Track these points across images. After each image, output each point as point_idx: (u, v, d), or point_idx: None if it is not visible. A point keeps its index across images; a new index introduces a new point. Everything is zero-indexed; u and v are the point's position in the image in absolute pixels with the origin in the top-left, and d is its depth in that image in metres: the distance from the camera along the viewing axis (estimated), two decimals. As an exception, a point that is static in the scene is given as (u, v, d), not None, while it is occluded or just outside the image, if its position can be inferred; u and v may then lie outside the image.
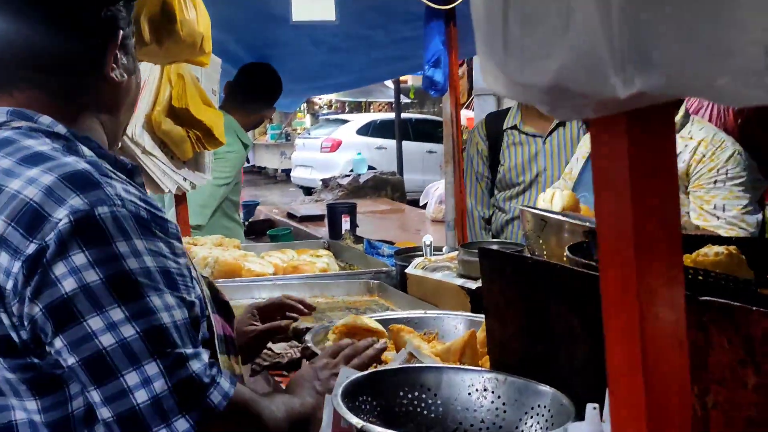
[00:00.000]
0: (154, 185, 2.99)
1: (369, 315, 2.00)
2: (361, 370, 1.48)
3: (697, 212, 2.69)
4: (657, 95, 0.53)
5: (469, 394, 1.39)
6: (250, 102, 3.98)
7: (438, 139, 15.23)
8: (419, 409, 1.37)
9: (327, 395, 1.29)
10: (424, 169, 14.87)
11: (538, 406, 1.33)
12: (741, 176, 2.67)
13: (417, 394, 1.38)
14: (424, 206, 8.93)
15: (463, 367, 1.51)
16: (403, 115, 15.56)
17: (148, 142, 2.66)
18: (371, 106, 24.71)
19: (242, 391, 1.26)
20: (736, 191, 2.67)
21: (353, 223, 4.44)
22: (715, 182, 2.68)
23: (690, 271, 1.23)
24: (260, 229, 6.02)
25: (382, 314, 2.12)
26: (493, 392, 1.38)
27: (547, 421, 1.30)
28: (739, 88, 0.49)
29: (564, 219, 2.01)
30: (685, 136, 2.73)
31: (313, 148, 16.34)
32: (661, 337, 0.64)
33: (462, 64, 9.32)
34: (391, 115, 16.28)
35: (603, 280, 0.66)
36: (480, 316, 2.04)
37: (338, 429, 1.21)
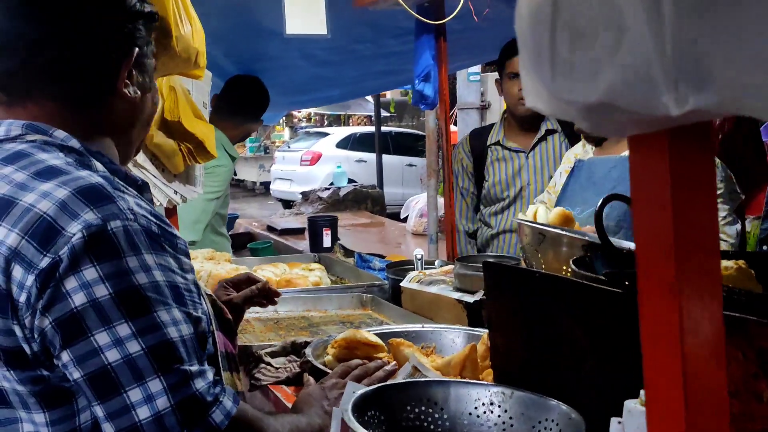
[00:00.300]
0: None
1: (365, 329, 1.99)
2: None
3: None
4: (710, 112, 0.54)
5: (476, 408, 1.39)
6: (237, 115, 3.95)
7: (418, 153, 15.27)
8: (426, 424, 1.37)
9: (335, 408, 1.30)
10: (404, 183, 14.89)
11: (546, 420, 1.33)
12: (719, 188, 2.70)
13: (424, 408, 1.38)
14: (405, 219, 8.94)
15: (470, 381, 1.51)
16: (383, 129, 15.58)
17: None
18: (350, 120, 24.72)
19: (245, 409, 1.26)
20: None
21: (334, 237, 4.41)
22: None
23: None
24: (240, 243, 5.97)
25: (379, 328, 2.11)
26: (500, 406, 1.38)
27: (556, 435, 1.30)
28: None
29: (562, 233, 2.02)
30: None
31: (293, 161, 16.30)
32: (701, 351, 0.64)
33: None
34: (371, 129, 16.29)
35: (641, 294, 0.67)
36: (477, 329, 2.04)
37: (348, 443, 1.21)
